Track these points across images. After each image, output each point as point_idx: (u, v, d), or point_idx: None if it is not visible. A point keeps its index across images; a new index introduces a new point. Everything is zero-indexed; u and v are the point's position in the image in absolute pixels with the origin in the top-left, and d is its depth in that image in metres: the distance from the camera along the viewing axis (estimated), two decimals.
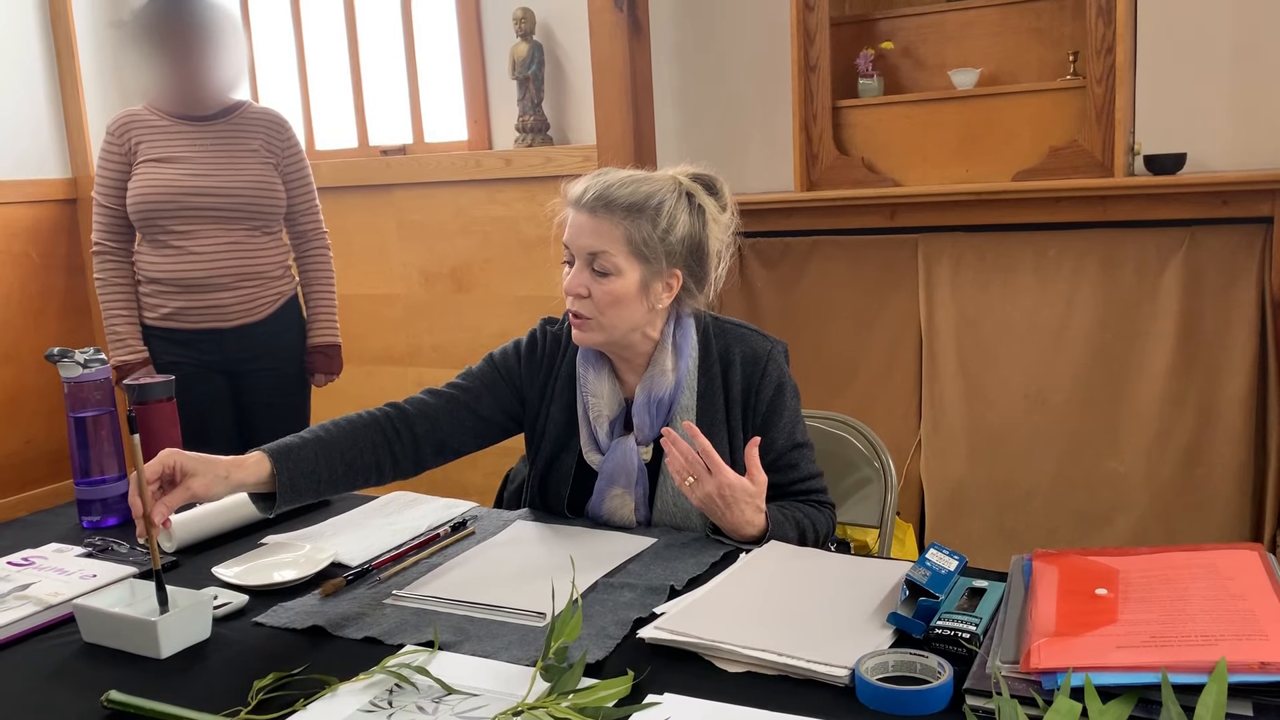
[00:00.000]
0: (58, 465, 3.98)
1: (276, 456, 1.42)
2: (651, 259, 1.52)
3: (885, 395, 3.20)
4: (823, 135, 3.15)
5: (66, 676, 1.17)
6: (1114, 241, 2.88)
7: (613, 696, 1.01)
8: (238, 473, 1.38)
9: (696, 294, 1.59)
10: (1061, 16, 2.95)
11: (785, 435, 1.60)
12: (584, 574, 1.33)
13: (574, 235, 1.53)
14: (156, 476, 1.32)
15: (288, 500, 1.43)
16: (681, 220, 1.53)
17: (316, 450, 1.46)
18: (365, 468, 1.51)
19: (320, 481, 1.46)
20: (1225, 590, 1.06)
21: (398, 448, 1.54)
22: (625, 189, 1.51)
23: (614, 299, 1.51)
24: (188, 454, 1.35)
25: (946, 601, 1.15)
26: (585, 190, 1.53)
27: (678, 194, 1.54)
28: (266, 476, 1.41)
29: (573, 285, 1.53)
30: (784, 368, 1.63)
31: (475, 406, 1.61)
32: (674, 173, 1.58)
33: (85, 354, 1.67)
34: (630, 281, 1.52)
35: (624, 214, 1.50)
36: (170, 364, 2.50)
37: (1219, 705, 0.87)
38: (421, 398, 1.60)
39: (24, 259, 3.98)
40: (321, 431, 1.50)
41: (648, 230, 1.50)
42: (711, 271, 1.60)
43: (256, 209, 2.54)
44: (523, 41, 3.42)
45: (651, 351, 1.59)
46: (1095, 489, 2.94)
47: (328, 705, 1.05)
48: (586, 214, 1.52)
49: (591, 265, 1.52)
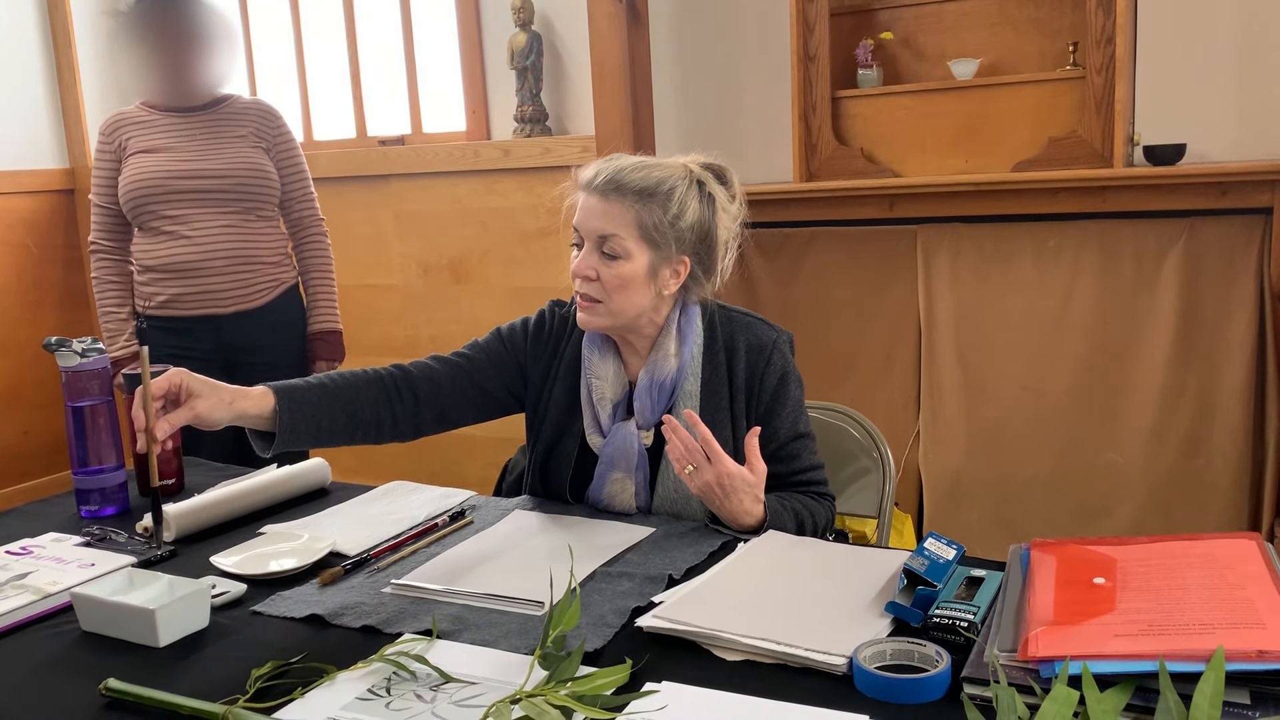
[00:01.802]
0: (56, 456, 3.98)
1: (281, 394, 1.46)
2: (661, 244, 1.52)
3: (884, 386, 3.20)
4: (822, 126, 3.15)
5: (65, 665, 1.17)
6: (1113, 232, 2.87)
7: (611, 684, 1.01)
8: (242, 401, 1.43)
9: (704, 282, 1.59)
10: (1061, 7, 2.95)
11: (788, 425, 1.59)
12: (582, 563, 1.34)
13: (584, 218, 1.53)
14: (162, 393, 1.37)
15: (287, 440, 1.46)
16: (692, 207, 1.53)
17: (320, 395, 1.49)
18: (365, 422, 1.54)
19: (320, 427, 1.49)
20: (1223, 579, 1.06)
21: (399, 408, 1.57)
22: (637, 173, 1.52)
23: (622, 282, 1.51)
24: (195, 375, 1.41)
25: (944, 590, 1.15)
26: (597, 174, 1.53)
27: (689, 181, 1.54)
28: (269, 411, 1.45)
29: (581, 267, 1.53)
30: (789, 358, 1.62)
31: (479, 378, 1.63)
32: (685, 161, 1.58)
33: (83, 343, 1.67)
34: (639, 266, 1.52)
35: (635, 197, 1.50)
36: (168, 355, 2.49)
37: (1216, 694, 0.87)
38: (427, 363, 1.63)
39: (21, 250, 3.97)
40: (327, 380, 1.53)
41: (658, 215, 1.51)
42: (719, 260, 1.59)
43: (247, 191, 2.54)
44: (521, 31, 3.41)
45: (656, 336, 1.59)
46: (1094, 480, 2.94)
47: (326, 694, 1.05)
48: (598, 197, 1.52)
49: (601, 248, 1.52)
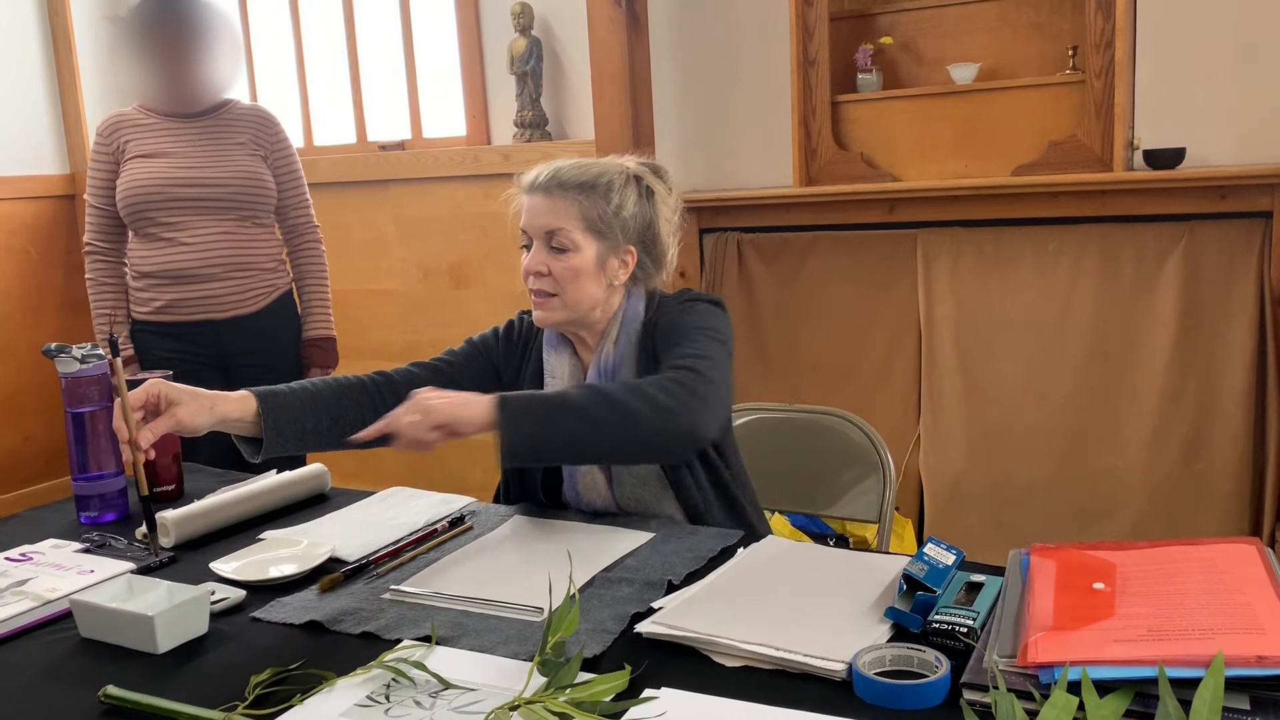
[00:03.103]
0: (56, 462, 3.98)
1: (262, 398, 1.49)
2: (607, 234, 1.56)
3: (884, 390, 3.20)
4: (822, 130, 3.15)
5: (64, 672, 1.16)
6: (1113, 236, 2.88)
7: (610, 691, 1.01)
8: (222, 405, 1.45)
9: (652, 272, 1.64)
10: (1061, 11, 2.95)
11: (675, 343, 1.54)
12: (581, 569, 1.33)
13: (530, 217, 1.58)
14: (141, 404, 1.39)
15: (273, 444, 1.48)
16: (631, 199, 1.58)
17: (303, 400, 1.52)
18: (349, 426, 1.55)
19: (305, 430, 1.51)
20: (1223, 584, 1.06)
21: (382, 410, 1.56)
22: (576, 170, 1.58)
23: (573, 274, 1.55)
24: (173, 384, 1.43)
25: (944, 596, 1.14)
26: (538, 175, 1.59)
27: (625, 176, 1.59)
28: (252, 415, 1.47)
29: (532, 264, 1.57)
30: (682, 314, 1.57)
31: (459, 381, 1.65)
32: (620, 160, 1.63)
33: (83, 349, 1.67)
34: (588, 257, 1.55)
35: (577, 191, 1.55)
36: (164, 359, 2.50)
37: (1216, 699, 0.87)
38: (408, 368, 1.66)
39: (22, 255, 3.97)
40: (310, 385, 1.56)
41: (601, 206, 1.56)
42: (665, 251, 1.64)
43: (245, 199, 2.54)
44: (521, 36, 3.42)
45: (606, 329, 1.62)
46: (1094, 484, 2.94)
47: (325, 700, 1.05)
48: (541, 195, 1.57)
49: (550, 243, 1.56)
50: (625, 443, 1.40)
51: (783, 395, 2.98)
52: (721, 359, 1.50)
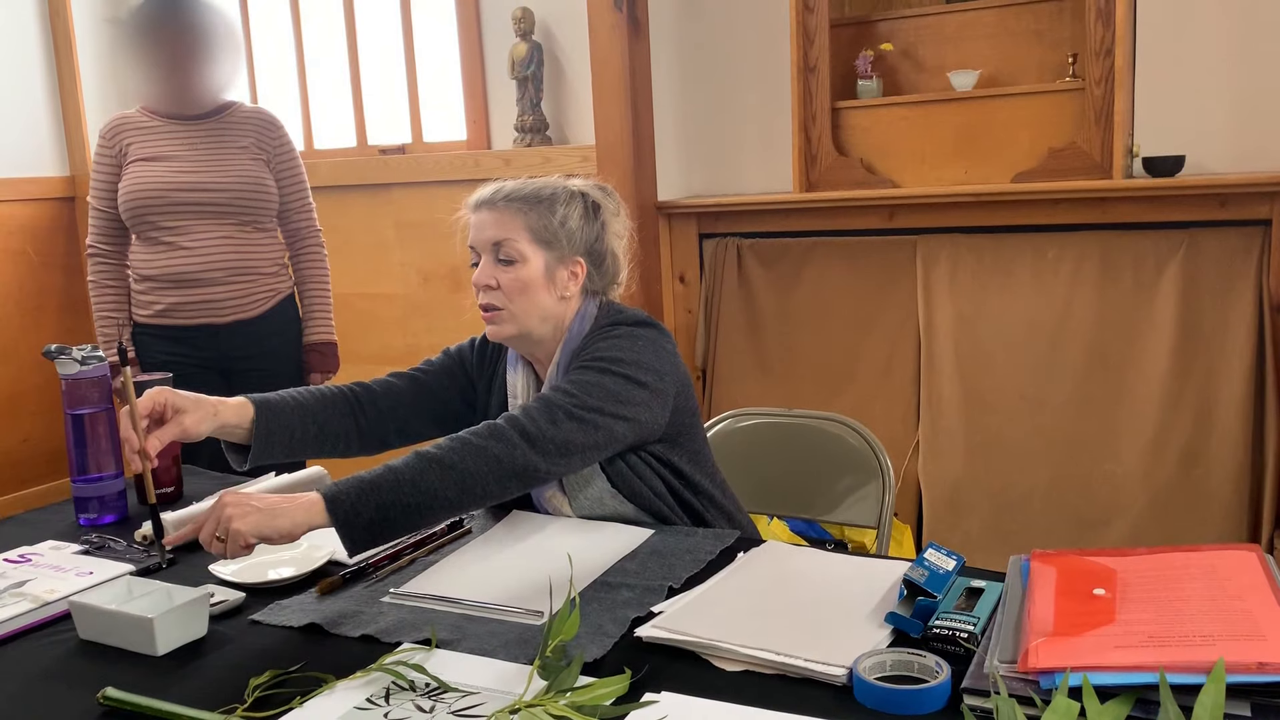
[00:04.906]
0: (55, 463, 3.97)
1: (259, 405, 1.52)
2: (554, 244, 1.57)
3: (883, 396, 3.20)
4: (822, 136, 3.15)
5: (63, 674, 1.16)
6: (1112, 243, 2.88)
7: (610, 695, 1.01)
8: (224, 411, 1.49)
9: (600, 286, 1.64)
10: (1061, 18, 2.95)
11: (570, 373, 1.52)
12: (581, 572, 1.33)
13: (477, 232, 1.59)
14: (147, 412, 1.42)
15: (261, 452, 1.51)
16: (576, 213, 1.59)
17: (293, 408, 1.56)
18: (334, 435, 1.60)
19: (293, 438, 1.55)
20: (1223, 591, 1.06)
21: (363, 421, 1.63)
22: (520, 186, 1.60)
23: (521, 285, 1.55)
24: (178, 391, 1.46)
25: (944, 601, 1.14)
26: (483, 193, 1.61)
27: (569, 192, 1.61)
28: (249, 421, 1.51)
29: (480, 277, 1.57)
30: (594, 341, 1.55)
31: (437, 390, 1.69)
32: (566, 180, 1.65)
33: (83, 351, 1.67)
34: (535, 268, 1.56)
35: (522, 203, 1.57)
36: (165, 362, 2.50)
37: (1217, 705, 0.87)
38: (387, 379, 1.68)
39: (22, 257, 3.97)
40: (297, 394, 1.59)
41: (547, 217, 1.57)
42: (613, 268, 1.65)
43: (247, 204, 2.54)
44: (522, 41, 3.42)
45: (560, 344, 1.62)
46: (1093, 491, 2.94)
47: (324, 703, 1.05)
48: (487, 209, 1.59)
49: (497, 255, 1.57)
50: (466, 497, 1.34)
51: (782, 400, 2.98)
52: (598, 390, 1.45)
